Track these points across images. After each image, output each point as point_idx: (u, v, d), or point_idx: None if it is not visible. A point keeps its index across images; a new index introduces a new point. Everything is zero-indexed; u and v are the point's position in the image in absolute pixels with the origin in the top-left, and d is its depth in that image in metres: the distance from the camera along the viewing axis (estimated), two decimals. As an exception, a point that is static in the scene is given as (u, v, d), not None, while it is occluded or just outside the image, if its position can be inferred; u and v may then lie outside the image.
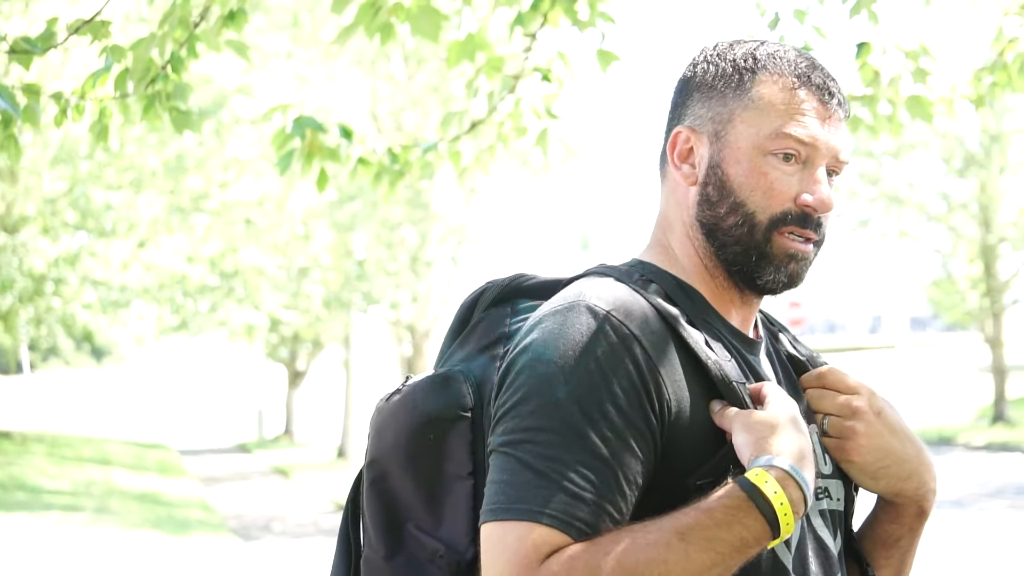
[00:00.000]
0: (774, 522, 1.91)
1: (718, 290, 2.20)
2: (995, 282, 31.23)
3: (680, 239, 2.21)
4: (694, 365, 2.04)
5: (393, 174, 5.31)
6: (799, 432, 2.00)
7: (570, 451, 1.92)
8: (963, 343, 59.27)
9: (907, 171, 31.86)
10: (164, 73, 4.46)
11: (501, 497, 1.93)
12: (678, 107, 2.23)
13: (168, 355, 71.90)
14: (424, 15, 4.56)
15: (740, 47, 2.20)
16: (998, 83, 5.65)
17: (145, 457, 29.62)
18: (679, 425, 2.00)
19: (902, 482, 2.21)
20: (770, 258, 2.15)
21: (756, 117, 2.13)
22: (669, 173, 2.23)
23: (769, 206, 2.13)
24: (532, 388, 1.97)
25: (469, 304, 2.28)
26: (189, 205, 23.57)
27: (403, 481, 2.17)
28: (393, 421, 2.19)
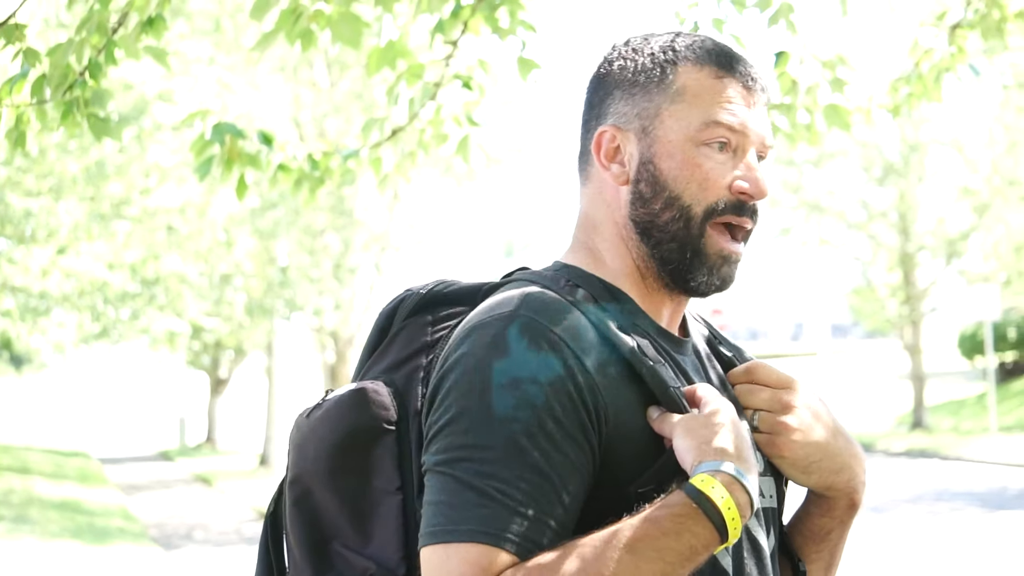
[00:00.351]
0: (722, 528, 1.88)
1: (648, 291, 2.17)
2: (914, 290, 31.55)
3: (609, 240, 2.17)
4: (628, 372, 2.01)
5: (313, 181, 5.30)
6: (739, 434, 1.98)
7: (509, 467, 1.88)
8: (883, 350, 59.83)
9: (827, 180, 32.12)
10: (82, 79, 4.43)
11: (441, 519, 1.88)
12: (597, 106, 2.20)
13: (89, 363, 71.26)
14: (345, 22, 4.56)
15: (656, 40, 2.18)
16: (914, 93, 5.73)
17: (65, 465, 29.33)
18: (617, 433, 1.97)
19: (833, 475, 2.20)
20: (704, 258, 2.13)
21: (683, 109, 2.11)
22: (594, 174, 2.19)
23: (705, 197, 2.11)
24: (466, 404, 1.92)
25: (388, 313, 2.23)
26: (110, 211, 23.34)
27: (328, 499, 2.11)
28: (314, 437, 2.13)
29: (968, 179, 30.09)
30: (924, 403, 31.63)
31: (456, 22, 5.02)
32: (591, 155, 2.19)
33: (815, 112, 5.48)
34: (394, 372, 2.14)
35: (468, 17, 5.00)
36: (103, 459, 33.11)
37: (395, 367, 2.15)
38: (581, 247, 2.21)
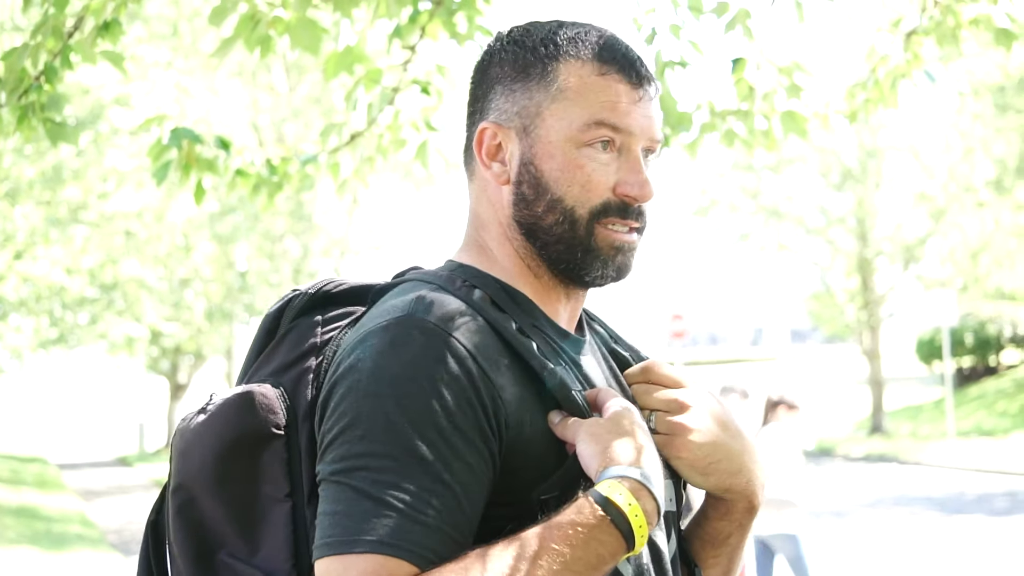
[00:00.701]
0: (630, 536, 1.82)
1: (543, 289, 2.10)
2: (872, 295, 31.71)
3: (498, 239, 2.11)
4: (528, 375, 1.95)
5: (271, 186, 5.28)
6: (644, 438, 1.92)
7: (407, 475, 1.81)
8: (842, 355, 60.07)
9: (786, 185, 32.26)
10: (38, 84, 4.41)
11: (338, 529, 1.80)
12: (479, 100, 2.12)
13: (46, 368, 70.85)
14: (303, 28, 4.55)
15: (538, 31, 2.10)
16: (871, 99, 5.76)
17: (23, 471, 29.16)
18: (518, 438, 1.91)
19: (732, 477, 2.10)
20: (596, 252, 2.05)
21: (565, 108, 2.04)
22: (478, 171, 2.12)
23: (588, 199, 2.03)
24: (361, 411, 1.84)
25: (275, 314, 2.14)
26: (67, 216, 23.25)
27: (213, 507, 2.02)
28: (199, 443, 2.03)
29: (925, 185, 30.26)
30: (883, 408, 31.80)
31: (414, 27, 5.02)
32: (473, 150, 2.13)
33: (772, 118, 5.50)
34: (282, 374, 2.05)
35: (426, 22, 5.00)
36: (61, 465, 32.95)
37: (283, 369, 2.06)
38: (474, 245, 2.14)
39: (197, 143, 4.88)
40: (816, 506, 19.20)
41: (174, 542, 2.06)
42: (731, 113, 5.53)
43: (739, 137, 5.54)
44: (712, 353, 78.46)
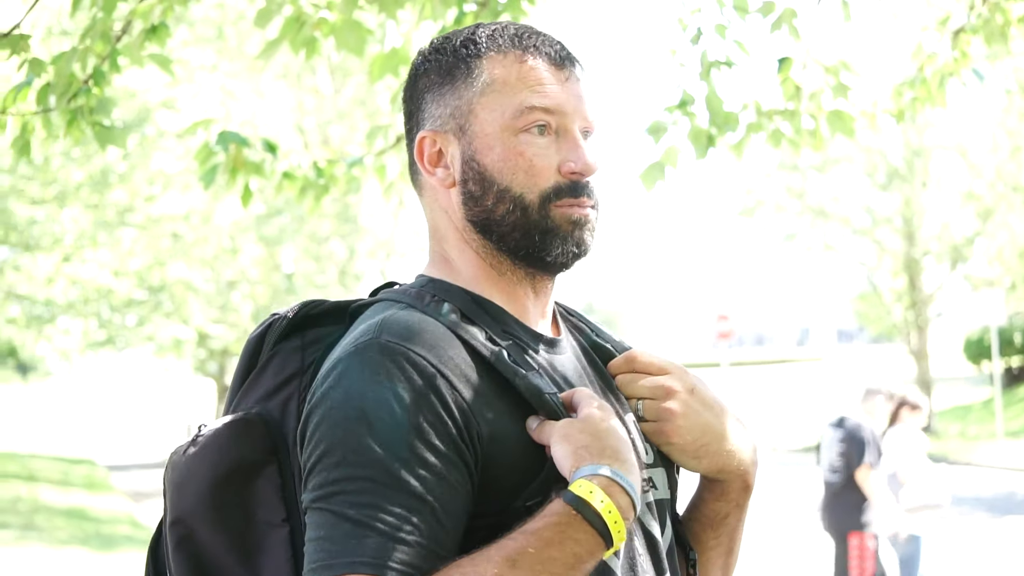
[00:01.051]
0: (605, 533, 1.85)
1: (509, 287, 2.13)
2: (919, 295, 31.54)
3: (456, 246, 2.13)
4: (501, 383, 1.97)
5: (318, 188, 5.30)
6: (617, 434, 1.94)
7: (385, 495, 1.84)
8: (889, 355, 59.76)
9: (832, 185, 32.12)
10: (87, 87, 4.43)
11: (322, 554, 1.83)
12: (413, 114, 2.16)
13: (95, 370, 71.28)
14: (348, 29, 4.56)
15: (456, 37, 2.14)
16: (918, 98, 5.73)
17: (72, 473, 29.34)
18: (496, 449, 1.93)
19: (724, 458, 2.15)
20: (554, 231, 2.07)
21: (495, 100, 2.07)
22: (424, 182, 2.15)
23: (536, 184, 2.06)
24: (335, 438, 1.88)
25: (257, 339, 2.16)
26: (114, 219, 23.36)
27: (212, 537, 2.04)
28: (193, 475, 2.06)
29: (972, 184, 30.08)
30: (931, 408, 31.60)
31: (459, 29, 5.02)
32: (417, 164, 2.15)
33: (819, 118, 5.48)
34: (268, 400, 2.09)
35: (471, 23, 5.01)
36: (110, 466, 33.12)
37: (269, 395, 2.09)
38: (438, 258, 2.17)
39: (244, 146, 4.91)
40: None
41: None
42: (777, 113, 5.52)
43: (786, 137, 5.53)
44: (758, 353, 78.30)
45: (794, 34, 5.41)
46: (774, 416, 40.29)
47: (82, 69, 4.42)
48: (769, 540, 15.89)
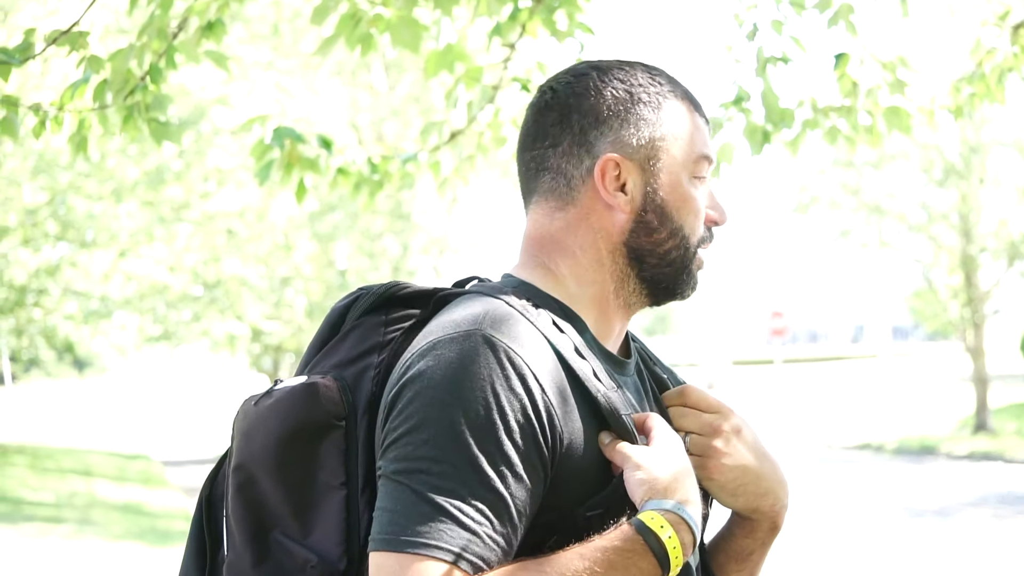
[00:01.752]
0: (666, 565, 1.96)
1: (606, 313, 2.24)
2: (976, 292, 31.30)
3: (583, 264, 2.22)
4: (583, 396, 2.06)
5: (373, 184, 5.31)
6: (688, 471, 2.06)
7: (465, 484, 1.92)
8: (944, 353, 59.44)
9: (887, 181, 31.93)
10: (143, 84, 4.45)
11: (395, 528, 1.91)
12: (582, 133, 2.21)
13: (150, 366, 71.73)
14: (404, 26, 4.56)
15: (635, 71, 2.25)
16: (977, 94, 5.68)
17: (127, 468, 29.54)
18: (569, 456, 2.02)
19: (759, 499, 2.28)
20: (691, 272, 2.26)
21: (679, 144, 2.21)
22: (581, 200, 2.21)
23: (696, 227, 2.23)
24: (427, 416, 1.95)
25: (341, 310, 2.25)
26: (170, 215, 23.52)
27: (272, 488, 2.13)
28: (263, 426, 2.15)
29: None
30: (987, 406, 31.36)
31: (514, 25, 5.03)
32: (575, 180, 2.22)
33: (876, 114, 5.44)
34: (345, 368, 2.16)
35: (526, 20, 5.00)
36: (165, 462, 33.31)
37: (346, 364, 2.17)
38: (537, 265, 2.25)
39: (299, 143, 4.92)
40: (918, 505, 19.01)
41: (232, 517, 2.18)
42: (834, 109, 5.48)
43: (842, 134, 5.49)
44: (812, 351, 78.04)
45: (851, 30, 5.37)
46: (828, 413, 40.13)
47: (139, 66, 4.45)
48: (824, 536, 15.82)
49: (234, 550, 2.18)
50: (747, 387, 55.20)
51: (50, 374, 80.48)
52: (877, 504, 19.30)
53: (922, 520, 17.31)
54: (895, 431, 32.84)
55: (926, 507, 18.68)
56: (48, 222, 22.84)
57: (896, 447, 30.16)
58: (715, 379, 55.85)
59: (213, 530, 2.26)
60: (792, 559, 14.55)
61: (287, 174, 4.93)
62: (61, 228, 23.10)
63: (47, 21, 16.98)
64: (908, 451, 29.52)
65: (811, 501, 19.90)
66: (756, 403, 46.98)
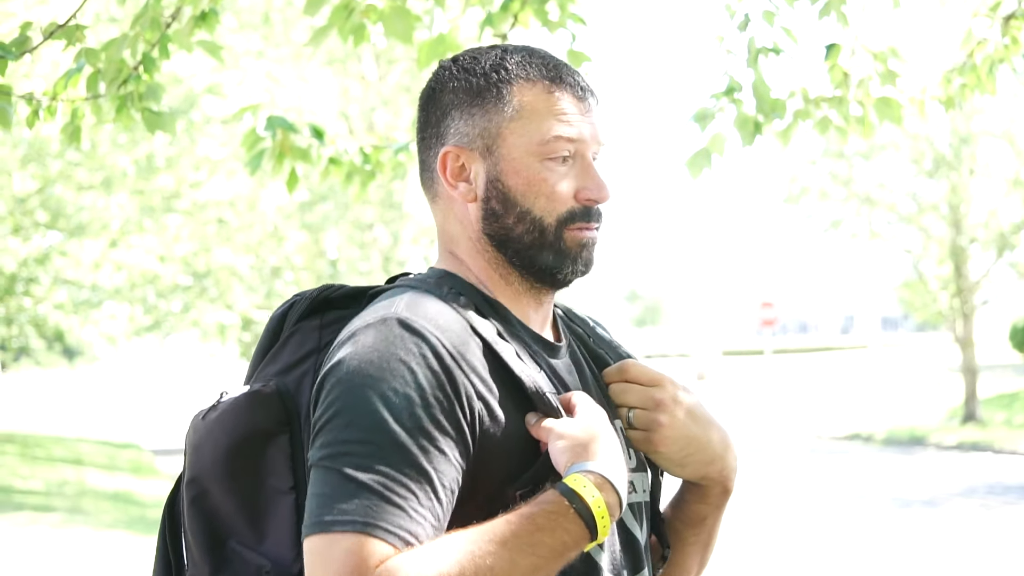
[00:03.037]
0: (592, 525, 2.00)
1: (515, 295, 2.26)
2: (965, 283, 31.35)
3: (469, 252, 2.26)
4: (507, 378, 2.10)
5: (364, 174, 5.32)
6: (610, 439, 2.09)
7: (389, 462, 1.96)
8: (934, 343, 59.52)
9: (878, 172, 31.96)
10: (136, 74, 4.46)
11: (324, 509, 1.95)
12: (434, 125, 2.27)
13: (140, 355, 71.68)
14: (397, 16, 4.57)
15: (486, 58, 2.26)
16: (968, 85, 5.69)
17: (118, 457, 29.52)
18: (493, 434, 2.06)
19: (707, 466, 2.32)
20: (566, 252, 2.23)
21: (523, 126, 2.21)
22: (441, 192, 2.27)
23: (554, 208, 2.21)
24: (348, 401, 1.99)
25: (279, 317, 2.29)
26: (160, 205, 23.49)
27: (224, 498, 2.18)
28: (210, 439, 2.20)
29: (1020, 171, 29.88)
30: (976, 396, 31.44)
31: (506, 15, 5.02)
32: (435, 173, 2.27)
33: (867, 105, 5.45)
34: (286, 375, 2.21)
35: (518, 10, 5.00)
36: (155, 450, 33.29)
37: (287, 370, 2.22)
38: (450, 257, 2.29)
39: (291, 132, 4.92)
40: (907, 495, 19.05)
41: (188, 530, 2.23)
42: (825, 100, 5.49)
43: (833, 124, 5.50)
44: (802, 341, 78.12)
45: (842, 20, 5.38)
46: (818, 404, 40.20)
47: (132, 56, 4.45)
48: (815, 526, 15.86)
49: (193, 563, 2.23)
50: (737, 378, 55.25)
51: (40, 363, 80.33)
52: (866, 494, 19.34)
53: (911, 510, 17.35)
54: (884, 421, 32.91)
55: (915, 497, 18.73)
56: (38, 211, 22.80)
57: (885, 437, 30.23)
58: (705, 369, 55.90)
59: (176, 546, 2.31)
60: (782, 549, 14.58)
61: (278, 163, 4.93)
62: (51, 217, 23.07)
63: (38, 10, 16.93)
64: (897, 441, 29.58)
65: (800, 491, 19.93)
66: (746, 393, 47.03)
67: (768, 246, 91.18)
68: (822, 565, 13.55)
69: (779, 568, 13.55)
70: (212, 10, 4.42)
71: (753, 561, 13.91)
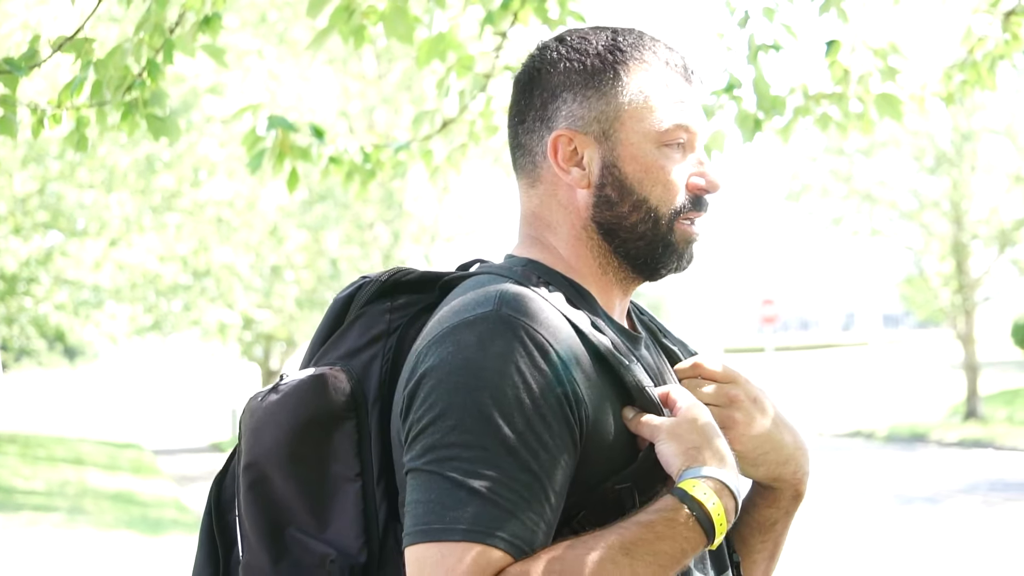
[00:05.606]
0: (711, 532, 1.94)
1: (608, 286, 2.19)
2: (967, 279, 31.34)
3: (567, 240, 2.17)
4: (606, 371, 2.02)
5: (365, 173, 5.31)
6: (720, 438, 2.03)
7: (500, 467, 1.88)
8: (935, 340, 59.48)
9: (879, 169, 31.96)
10: (140, 80, 4.44)
11: (433, 517, 1.87)
12: (541, 107, 2.17)
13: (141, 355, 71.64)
14: (397, 17, 4.56)
15: (598, 39, 2.17)
16: (968, 81, 5.69)
17: (119, 457, 29.54)
18: (596, 431, 1.98)
19: (780, 467, 2.24)
20: (673, 247, 2.17)
21: (642, 112, 2.13)
22: (545, 176, 2.18)
23: (670, 199, 2.14)
24: (452, 402, 1.91)
25: (344, 300, 2.21)
26: (161, 204, 23.48)
27: (285, 484, 2.09)
28: (272, 422, 2.11)
29: (1021, 167, 29.88)
30: (978, 393, 31.43)
31: (506, 13, 5.02)
32: (538, 156, 2.18)
33: (868, 101, 5.45)
34: (352, 359, 2.13)
35: (518, 8, 5.00)
36: (156, 450, 33.33)
37: (353, 353, 2.13)
38: (535, 244, 2.20)
39: (291, 131, 4.91)
40: (909, 492, 19.05)
41: (245, 517, 2.14)
42: (825, 97, 5.49)
43: (833, 121, 5.50)
44: (803, 338, 78.05)
45: (842, 17, 5.38)
46: (819, 401, 40.19)
47: (136, 62, 4.44)
48: (817, 523, 15.86)
49: (249, 550, 2.13)
50: (738, 375, 55.17)
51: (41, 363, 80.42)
52: (868, 491, 19.34)
53: (912, 507, 17.35)
54: (886, 418, 32.91)
55: (916, 494, 18.72)
56: (39, 211, 22.80)
57: (887, 434, 30.23)
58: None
59: (224, 532, 2.22)
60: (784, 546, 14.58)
61: (279, 163, 4.92)
62: (52, 217, 23.07)
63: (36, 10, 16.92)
64: (899, 438, 29.58)
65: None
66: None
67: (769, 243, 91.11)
68: (824, 562, 13.55)
69: (782, 564, 13.54)
70: (215, 15, 4.41)
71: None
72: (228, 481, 2.25)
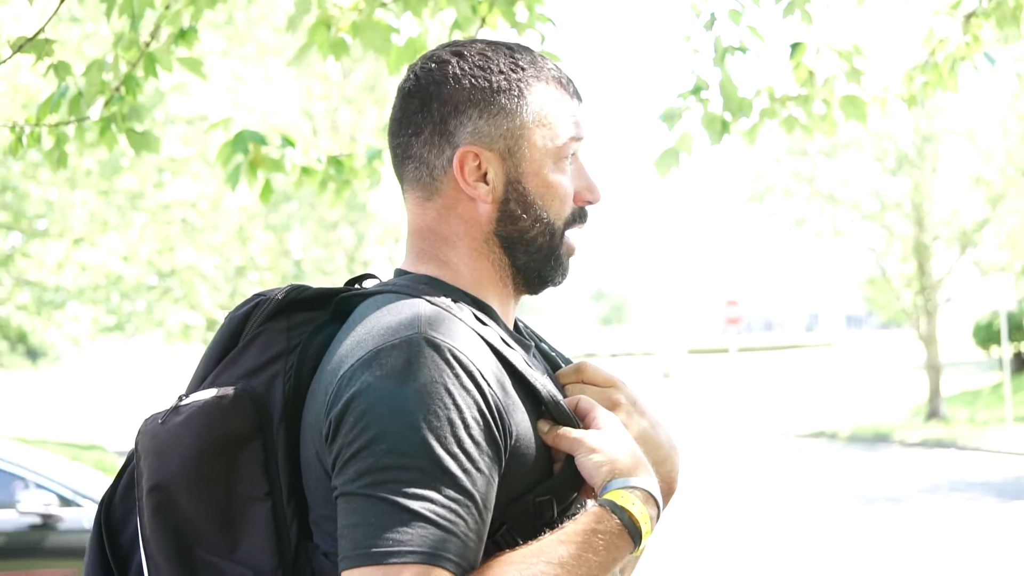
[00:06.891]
0: (637, 538, 2.01)
1: (505, 298, 2.24)
2: (929, 280, 31.51)
3: (467, 253, 2.20)
4: (520, 385, 2.07)
5: (339, 183, 5.30)
6: (637, 448, 2.11)
7: (436, 487, 1.90)
8: (898, 341, 59.75)
9: (841, 170, 32.10)
10: (119, 95, 4.44)
11: (373, 540, 1.88)
12: (439, 122, 2.18)
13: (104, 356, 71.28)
14: (372, 29, 4.58)
15: (497, 56, 2.21)
16: (929, 83, 5.73)
17: (82, 458, 29.32)
18: (516, 447, 2.02)
19: (658, 466, 2.25)
20: (559, 259, 2.24)
21: (542, 129, 2.18)
22: (444, 190, 2.19)
23: (563, 211, 2.21)
24: (385, 426, 1.92)
25: (240, 318, 2.19)
26: (124, 204, 23.40)
27: (193, 506, 2.07)
28: (179, 443, 2.08)
29: (982, 169, 30.06)
30: (940, 393, 31.60)
31: (474, 17, 5.03)
32: (437, 170, 2.19)
33: (832, 103, 5.48)
34: (253, 377, 2.12)
35: (486, 12, 5.01)
36: (119, 452, 33.15)
37: (254, 372, 2.12)
38: (431, 259, 2.22)
39: (262, 144, 4.89)
40: (871, 492, 19.13)
41: (151, 541, 2.11)
42: (791, 98, 5.52)
43: (799, 122, 5.53)
44: (767, 339, 78.37)
45: (806, 19, 5.41)
46: (783, 401, 40.31)
47: (114, 77, 4.43)
48: (780, 523, 15.92)
49: (156, 570, 2.11)
50: (702, 376, 55.37)
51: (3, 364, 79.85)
52: (831, 491, 19.42)
53: (875, 507, 17.43)
54: (849, 419, 33.05)
55: (879, 494, 18.81)
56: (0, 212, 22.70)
57: (850, 435, 30.36)
58: (670, 368, 56.00)
59: (118, 555, 2.21)
60: (747, 546, 14.63)
61: (252, 176, 4.90)
62: (13, 217, 22.96)
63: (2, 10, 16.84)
64: (862, 439, 29.71)
65: (766, 489, 20.00)
66: (711, 391, 47.13)
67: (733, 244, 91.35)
68: (788, 561, 13.61)
69: (745, 564, 13.60)
70: (192, 28, 4.41)
71: (719, 558, 13.95)
72: (117, 502, 2.23)
